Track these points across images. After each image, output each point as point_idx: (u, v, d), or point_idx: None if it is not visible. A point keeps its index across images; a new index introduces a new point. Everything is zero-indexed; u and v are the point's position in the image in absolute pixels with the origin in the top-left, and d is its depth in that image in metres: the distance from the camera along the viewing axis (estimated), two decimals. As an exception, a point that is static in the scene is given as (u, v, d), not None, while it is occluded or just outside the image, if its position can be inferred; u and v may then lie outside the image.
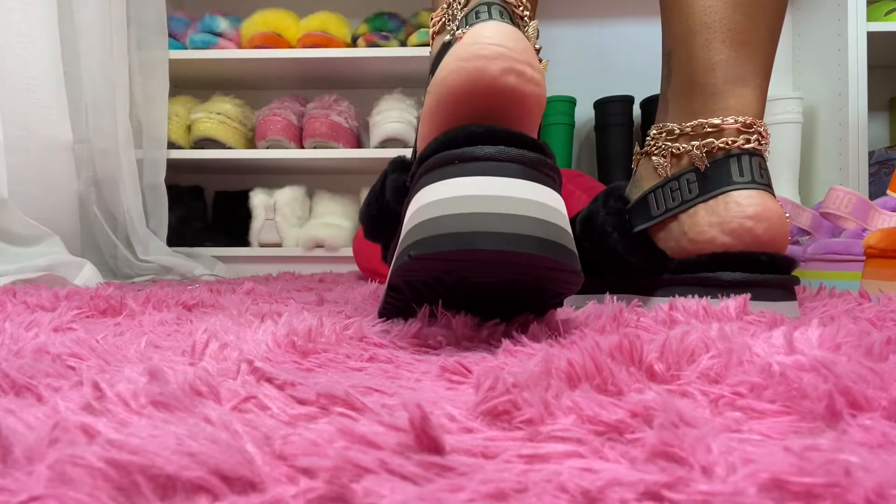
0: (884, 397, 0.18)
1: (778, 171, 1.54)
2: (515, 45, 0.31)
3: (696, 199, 0.44)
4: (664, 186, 0.45)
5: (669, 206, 0.45)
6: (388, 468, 0.13)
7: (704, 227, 0.43)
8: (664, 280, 0.42)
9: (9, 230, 0.86)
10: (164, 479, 0.12)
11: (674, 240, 0.45)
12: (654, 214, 0.45)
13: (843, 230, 0.70)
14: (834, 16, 1.44)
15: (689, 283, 0.41)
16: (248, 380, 0.21)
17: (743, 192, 0.42)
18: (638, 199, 0.47)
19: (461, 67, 0.31)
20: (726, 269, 0.41)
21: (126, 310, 0.47)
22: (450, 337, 0.32)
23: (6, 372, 0.21)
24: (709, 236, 0.43)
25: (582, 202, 0.94)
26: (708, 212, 0.43)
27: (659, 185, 0.46)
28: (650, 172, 0.48)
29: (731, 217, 0.42)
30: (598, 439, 0.16)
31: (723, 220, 0.42)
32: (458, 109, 0.31)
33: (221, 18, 1.53)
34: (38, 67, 0.98)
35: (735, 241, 0.42)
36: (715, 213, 0.43)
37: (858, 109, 1.39)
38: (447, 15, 0.36)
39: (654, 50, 1.67)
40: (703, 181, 0.43)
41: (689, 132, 0.45)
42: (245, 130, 1.56)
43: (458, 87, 0.31)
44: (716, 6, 0.46)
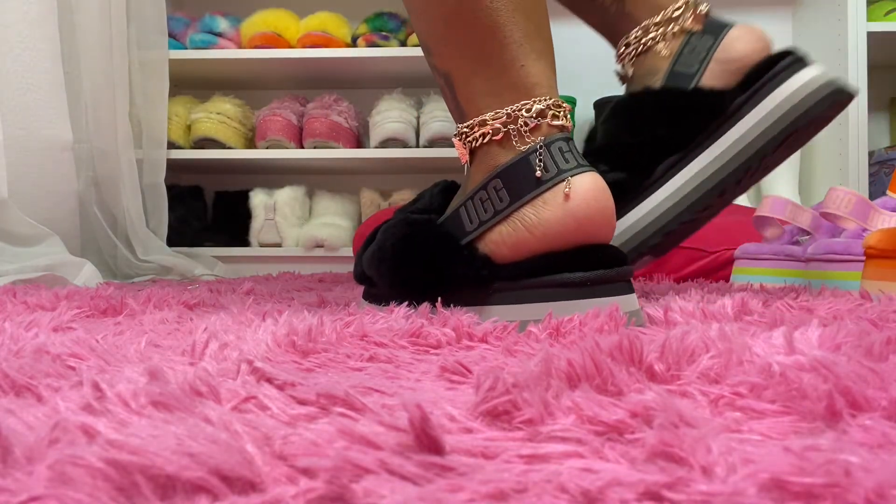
0: (884, 397, 0.18)
1: (778, 171, 1.54)
2: (608, 196, 0.40)
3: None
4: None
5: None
6: (388, 468, 0.13)
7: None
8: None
9: (9, 230, 0.86)
10: (164, 479, 0.12)
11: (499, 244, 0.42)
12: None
13: (843, 230, 0.70)
14: (834, 16, 1.44)
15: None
16: (248, 380, 0.21)
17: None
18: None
19: (578, 229, 0.39)
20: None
21: (126, 309, 0.47)
22: (450, 337, 0.32)
23: (6, 372, 0.21)
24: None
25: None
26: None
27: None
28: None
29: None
30: (598, 439, 0.16)
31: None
32: (577, 242, 0.39)
33: (221, 18, 1.53)
34: (38, 67, 0.98)
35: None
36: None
37: (858, 109, 1.39)
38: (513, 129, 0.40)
39: (654, 50, 1.67)
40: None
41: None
42: (245, 130, 1.56)
43: (573, 241, 0.39)
44: None
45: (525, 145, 0.40)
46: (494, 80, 0.41)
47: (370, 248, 0.45)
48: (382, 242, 0.43)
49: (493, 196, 0.40)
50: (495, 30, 0.40)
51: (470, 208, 0.41)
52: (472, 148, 0.42)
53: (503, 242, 0.40)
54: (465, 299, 0.41)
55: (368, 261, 0.45)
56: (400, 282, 0.42)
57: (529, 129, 0.40)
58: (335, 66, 1.56)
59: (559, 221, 0.38)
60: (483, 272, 0.40)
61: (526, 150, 0.39)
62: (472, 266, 0.40)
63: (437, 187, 0.47)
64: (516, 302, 0.39)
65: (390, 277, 0.43)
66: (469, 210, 0.42)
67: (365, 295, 0.49)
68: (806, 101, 0.50)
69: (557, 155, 0.39)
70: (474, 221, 0.41)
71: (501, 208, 0.40)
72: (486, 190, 0.41)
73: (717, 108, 0.52)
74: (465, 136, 0.42)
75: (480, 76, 0.41)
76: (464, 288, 0.41)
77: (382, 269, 0.43)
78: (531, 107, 0.40)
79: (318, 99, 1.54)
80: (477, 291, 0.40)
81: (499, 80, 0.41)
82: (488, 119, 0.40)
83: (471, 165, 0.43)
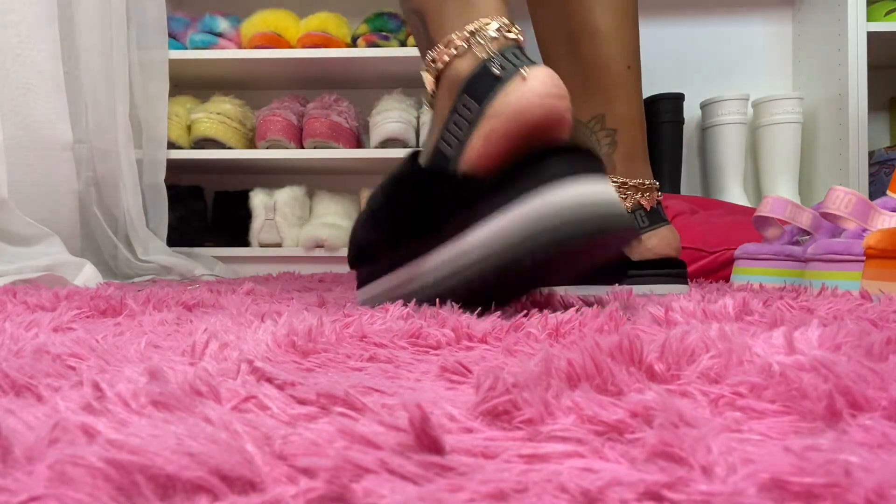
0: (884, 397, 0.18)
1: (778, 171, 1.54)
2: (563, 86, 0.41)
3: (648, 228, 0.66)
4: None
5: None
6: (388, 468, 0.13)
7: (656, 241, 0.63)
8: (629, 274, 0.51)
9: (9, 230, 0.86)
10: (164, 479, 0.12)
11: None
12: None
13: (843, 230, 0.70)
14: (834, 16, 1.44)
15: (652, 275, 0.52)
16: (248, 380, 0.21)
17: None
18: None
19: (540, 104, 0.40)
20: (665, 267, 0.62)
21: (126, 310, 0.47)
22: (449, 337, 0.32)
23: (6, 372, 0.21)
24: (658, 247, 0.66)
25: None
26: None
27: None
28: None
29: (675, 239, 0.69)
30: (598, 439, 0.16)
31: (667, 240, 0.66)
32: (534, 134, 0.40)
33: (221, 18, 1.53)
34: (38, 67, 0.98)
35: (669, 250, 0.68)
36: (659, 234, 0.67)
37: (858, 109, 1.39)
38: (474, 42, 0.44)
39: (653, 50, 1.67)
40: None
41: None
42: (245, 130, 1.56)
43: (539, 119, 0.40)
44: None
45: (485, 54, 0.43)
46: (461, 9, 0.45)
47: (361, 215, 0.47)
48: (373, 201, 0.46)
49: (463, 112, 0.43)
50: None
51: (447, 136, 0.44)
52: (439, 72, 0.45)
53: (480, 142, 0.41)
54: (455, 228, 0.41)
55: (364, 225, 0.47)
56: (398, 230, 0.44)
57: (489, 41, 0.43)
58: (335, 66, 1.56)
59: (519, 99, 0.40)
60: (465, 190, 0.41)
61: (484, 59, 0.43)
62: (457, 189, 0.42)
63: (407, 157, 0.49)
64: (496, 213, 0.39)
65: (388, 229, 0.44)
66: (447, 138, 0.44)
67: (360, 283, 0.50)
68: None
69: (512, 58, 0.43)
70: (453, 144, 0.43)
71: (472, 117, 0.42)
72: (457, 111, 0.43)
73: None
74: (434, 60, 0.46)
75: (448, 8, 0.45)
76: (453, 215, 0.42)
77: (380, 223, 0.45)
78: (490, 23, 0.44)
79: (318, 99, 1.54)
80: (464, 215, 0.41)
81: (465, 8, 0.45)
82: (454, 38, 0.44)
83: (437, 91, 0.46)
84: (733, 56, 1.70)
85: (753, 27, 1.70)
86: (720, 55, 1.70)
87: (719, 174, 1.57)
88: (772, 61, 1.69)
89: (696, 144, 1.70)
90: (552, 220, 0.37)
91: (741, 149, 1.56)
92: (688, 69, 1.70)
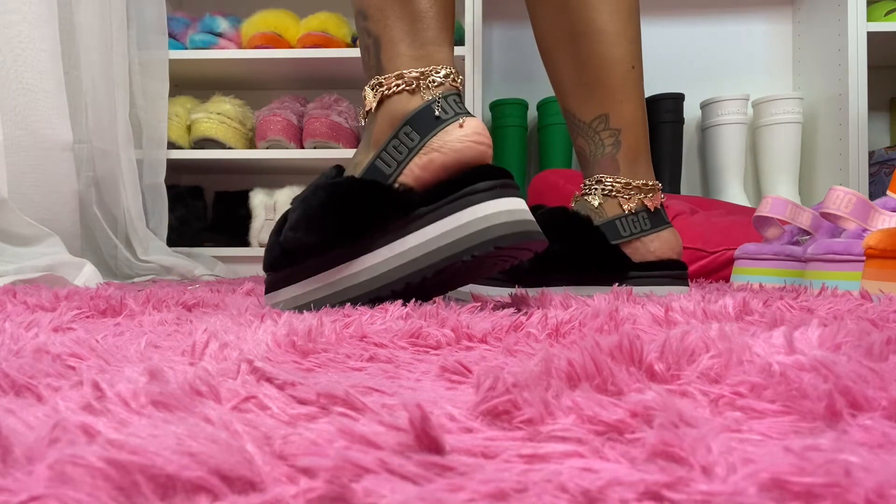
0: (884, 397, 0.18)
1: (778, 171, 1.54)
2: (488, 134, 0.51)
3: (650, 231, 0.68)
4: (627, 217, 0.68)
5: (633, 232, 0.67)
6: (388, 468, 0.13)
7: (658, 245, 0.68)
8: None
9: (9, 230, 0.86)
10: (164, 478, 0.12)
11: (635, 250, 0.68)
12: (623, 235, 0.67)
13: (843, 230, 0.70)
14: (834, 16, 1.44)
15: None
16: (248, 380, 0.21)
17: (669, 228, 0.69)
18: (605, 222, 0.67)
19: (474, 147, 0.49)
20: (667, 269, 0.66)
21: (126, 310, 0.47)
22: (449, 337, 0.32)
23: (6, 372, 0.21)
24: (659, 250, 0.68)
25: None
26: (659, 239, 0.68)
27: (623, 216, 0.68)
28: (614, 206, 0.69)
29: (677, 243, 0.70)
30: (598, 439, 0.16)
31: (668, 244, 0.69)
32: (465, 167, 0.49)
33: (221, 18, 1.53)
34: (38, 67, 0.98)
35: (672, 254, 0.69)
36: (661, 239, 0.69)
37: (858, 109, 1.39)
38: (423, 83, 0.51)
39: (653, 50, 1.67)
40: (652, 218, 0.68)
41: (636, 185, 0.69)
42: (245, 130, 1.56)
43: (471, 158, 0.49)
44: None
45: (430, 97, 0.51)
46: (416, 50, 0.52)
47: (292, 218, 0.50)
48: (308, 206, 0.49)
49: (404, 140, 0.50)
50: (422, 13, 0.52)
51: (385, 157, 0.51)
52: (383, 96, 0.52)
53: (418, 168, 0.49)
54: (390, 234, 0.48)
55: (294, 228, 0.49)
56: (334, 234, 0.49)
57: (436, 85, 0.51)
58: (335, 66, 1.56)
59: (458, 140, 0.49)
60: (408, 204, 0.48)
61: (429, 100, 0.50)
62: (399, 198, 0.48)
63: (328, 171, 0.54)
64: (438, 219, 0.48)
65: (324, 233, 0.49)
66: (385, 158, 0.51)
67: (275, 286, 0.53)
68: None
69: (452, 104, 0.51)
70: (392, 164, 0.50)
71: (413, 146, 0.50)
72: (398, 137, 0.50)
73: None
74: (381, 84, 0.52)
75: (406, 44, 0.52)
76: (389, 222, 0.48)
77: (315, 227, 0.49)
78: (440, 71, 0.52)
79: (318, 99, 1.54)
80: (401, 222, 0.48)
81: (420, 49, 0.52)
82: (405, 73, 0.51)
83: (376, 112, 0.53)
84: (733, 56, 1.70)
85: (753, 27, 1.70)
86: (720, 55, 1.70)
87: (719, 174, 1.57)
88: (772, 61, 1.69)
89: (696, 144, 1.70)
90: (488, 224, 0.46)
91: (741, 149, 1.56)
92: (688, 69, 1.70)
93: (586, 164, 0.72)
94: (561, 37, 0.70)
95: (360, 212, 0.48)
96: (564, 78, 0.71)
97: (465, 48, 1.45)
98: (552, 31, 0.71)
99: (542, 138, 1.61)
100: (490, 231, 0.46)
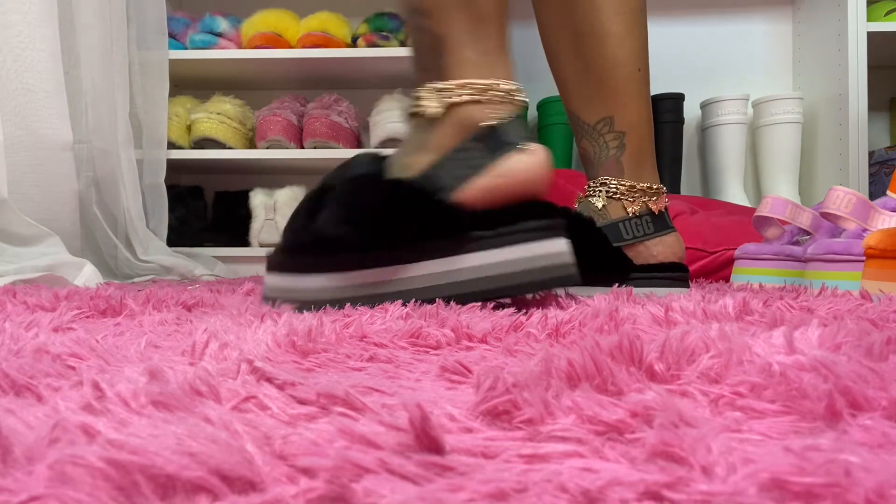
0: (884, 397, 0.18)
1: (778, 171, 1.54)
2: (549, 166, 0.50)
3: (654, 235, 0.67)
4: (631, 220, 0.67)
5: (636, 235, 0.67)
6: (388, 468, 0.13)
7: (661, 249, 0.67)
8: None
9: (9, 230, 0.86)
10: (164, 478, 0.12)
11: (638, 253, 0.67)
12: (626, 237, 0.66)
13: (843, 230, 0.70)
14: (834, 16, 1.44)
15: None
16: (248, 380, 0.21)
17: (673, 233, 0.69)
18: (608, 224, 0.67)
19: (542, 177, 0.50)
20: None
21: (126, 310, 0.47)
22: (449, 337, 0.32)
23: (6, 372, 0.21)
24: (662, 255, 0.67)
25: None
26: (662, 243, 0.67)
27: (626, 218, 0.67)
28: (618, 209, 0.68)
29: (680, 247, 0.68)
30: (598, 439, 0.16)
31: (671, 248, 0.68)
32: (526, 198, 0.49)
33: (221, 18, 1.53)
34: (38, 67, 0.98)
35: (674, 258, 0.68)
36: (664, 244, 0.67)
37: (858, 109, 1.39)
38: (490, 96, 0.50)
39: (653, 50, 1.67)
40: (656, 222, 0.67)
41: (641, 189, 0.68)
42: (245, 130, 1.56)
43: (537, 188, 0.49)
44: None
45: (498, 113, 0.50)
46: (480, 57, 0.50)
47: (335, 211, 0.48)
48: (357, 202, 0.48)
49: (471, 155, 0.49)
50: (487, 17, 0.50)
51: (448, 165, 0.49)
52: (450, 105, 0.50)
53: (480, 190, 0.48)
54: (441, 250, 0.47)
55: (341, 219, 0.47)
56: (380, 234, 0.47)
57: (502, 100, 0.50)
58: (335, 66, 1.56)
59: (524, 170, 0.49)
60: (463, 222, 0.48)
61: (501, 119, 0.49)
62: (455, 217, 0.48)
63: (365, 158, 0.52)
64: (494, 247, 0.47)
65: (371, 231, 0.47)
66: (448, 168, 0.49)
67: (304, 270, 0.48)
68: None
69: (519, 127, 0.50)
70: (453, 177, 0.49)
71: (478, 163, 0.49)
72: (466, 150, 0.49)
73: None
74: (444, 90, 0.50)
75: (471, 48, 0.50)
76: (439, 239, 0.47)
77: (362, 220, 0.47)
78: (505, 86, 0.50)
79: (318, 99, 1.54)
80: (454, 242, 0.48)
81: (484, 58, 0.51)
82: (474, 83, 0.50)
83: (441, 119, 0.50)
84: (733, 56, 1.70)
85: (753, 27, 1.70)
86: (720, 55, 1.70)
87: (719, 174, 1.57)
88: (772, 61, 1.69)
89: (696, 144, 1.70)
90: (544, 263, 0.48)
91: (741, 149, 1.56)
92: (688, 69, 1.70)
93: (590, 165, 0.72)
94: (565, 37, 0.69)
95: (413, 220, 0.47)
96: (569, 79, 0.71)
97: (465, 48, 1.45)
98: (557, 31, 0.70)
99: (542, 138, 1.61)
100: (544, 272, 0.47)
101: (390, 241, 0.47)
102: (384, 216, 0.47)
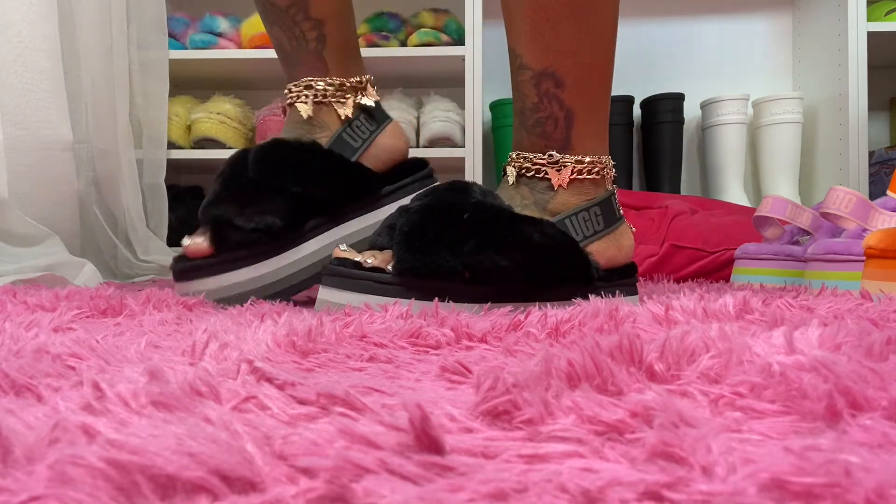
0: (884, 397, 0.18)
1: (778, 171, 1.54)
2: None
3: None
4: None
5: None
6: (388, 468, 0.13)
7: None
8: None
9: (9, 230, 0.86)
10: (164, 479, 0.12)
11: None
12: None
13: (843, 230, 0.70)
14: (834, 16, 1.44)
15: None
16: (248, 380, 0.21)
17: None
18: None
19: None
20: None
21: (126, 310, 0.47)
22: (449, 337, 0.32)
23: (6, 372, 0.21)
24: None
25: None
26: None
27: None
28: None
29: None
30: (598, 439, 0.16)
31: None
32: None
33: (221, 18, 1.53)
34: (38, 67, 0.98)
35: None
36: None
37: (858, 109, 1.39)
38: (606, 173, 0.55)
39: (653, 50, 1.67)
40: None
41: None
42: (245, 130, 1.56)
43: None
44: None
45: (608, 187, 0.56)
46: (600, 126, 0.56)
47: (473, 244, 0.49)
48: (524, 240, 0.50)
49: (593, 218, 0.55)
50: (609, 81, 0.56)
51: (575, 222, 0.55)
52: (574, 175, 0.54)
53: (602, 254, 0.55)
54: (570, 292, 0.52)
55: (484, 255, 0.50)
56: (538, 277, 0.51)
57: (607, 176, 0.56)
58: (335, 66, 1.56)
59: (630, 247, 0.57)
60: (595, 274, 0.53)
61: (609, 193, 0.56)
62: (590, 268, 0.53)
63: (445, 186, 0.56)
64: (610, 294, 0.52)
65: (524, 270, 0.50)
66: (574, 223, 0.55)
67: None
68: None
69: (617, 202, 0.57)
70: (579, 233, 0.54)
71: (600, 229, 0.55)
72: (588, 212, 0.55)
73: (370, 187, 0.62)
74: (562, 164, 0.54)
75: (595, 119, 0.55)
76: (570, 283, 0.52)
77: (520, 264, 0.49)
78: (610, 162, 0.56)
79: (318, 99, 1.53)
80: (583, 287, 0.52)
81: (601, 126, 0.56)
82: (589, 160, 0.54)
83: (565, 187, 0.54)
84: (733, 56, 1.70)
85: (753, 27, 1.70)
86: (720, 55, 1.70)
87: (719, 174, 1.57)
88: (772, 61, 1.69)
89: (696, 144, 1.70)
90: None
91: (741, 149, 1.56)
92: (688, 69, 1.70)
93: (289, 69, 0.67)
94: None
95: (565, 267, 0.54)
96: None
97: (466, 48, 1.45)
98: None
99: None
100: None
101: (546, 278, 0.52)
102: (547, 254, 0.51)
